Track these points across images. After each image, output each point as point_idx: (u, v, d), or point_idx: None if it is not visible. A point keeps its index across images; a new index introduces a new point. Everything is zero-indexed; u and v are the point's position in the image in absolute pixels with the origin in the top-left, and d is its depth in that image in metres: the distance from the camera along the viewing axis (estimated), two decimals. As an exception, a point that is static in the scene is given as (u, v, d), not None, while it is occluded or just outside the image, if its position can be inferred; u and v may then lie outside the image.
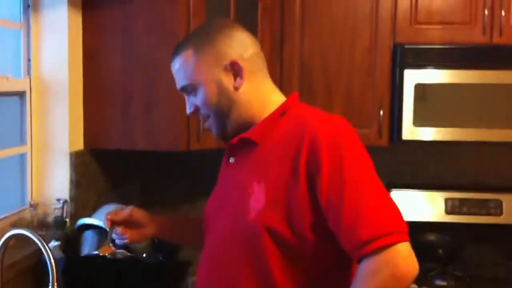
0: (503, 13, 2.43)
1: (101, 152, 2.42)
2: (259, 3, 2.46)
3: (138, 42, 2.29)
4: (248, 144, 1.41)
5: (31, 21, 2.20)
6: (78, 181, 2.29)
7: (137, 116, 2.32)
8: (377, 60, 2.52)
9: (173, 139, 2.33)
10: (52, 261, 1.51)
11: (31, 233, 1.56)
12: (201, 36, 1.44)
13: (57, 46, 2.22)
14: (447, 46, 2.48)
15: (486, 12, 2.45)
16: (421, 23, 2.51)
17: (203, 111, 1.44)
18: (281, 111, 1.42)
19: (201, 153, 2.46)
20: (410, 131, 2.50)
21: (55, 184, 2.26)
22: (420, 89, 2.47)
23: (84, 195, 2.35)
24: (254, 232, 1.33)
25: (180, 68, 1.43)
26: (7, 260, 1.75)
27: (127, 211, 1.62)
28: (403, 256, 1.24)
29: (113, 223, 1.60)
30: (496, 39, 2.46)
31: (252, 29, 2.41)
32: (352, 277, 1.31)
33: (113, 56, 2.32)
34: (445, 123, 2.50)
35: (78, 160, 2.29)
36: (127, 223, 1.60)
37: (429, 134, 2.50)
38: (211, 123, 1.45)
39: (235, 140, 1.43)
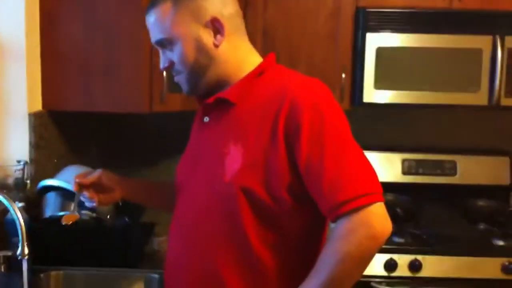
0: (462, -22, 2.48)
1: (60, 114, 2.37)
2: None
3: (98, 5, 2.23)
4: (225, 104, 1.40)
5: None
6: (38, 143, 2.25)
7: (97, 78, 2.28)
8: (340, 24, 2.53)
9: (135, 101, 2.30)
10: (21, 221, 1.49)
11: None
12: None
13: (13, 7, 2.15)
14: (408, 10, 2.51)
15: (446, -23, 2.49)
16: (383, -13, 2.53)
17: (178, 67, 1.41)
18: (259, 72, 1.41)
19: (164, 115, 2.44)
20: (371, 94, 2.54)
21: (14, 146, 2.21)
22: (381, 52, 2.51)
23: (44, 157, 2.30)
24: (229, 193, 1.33)
25: (157, 21, 1.39)
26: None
27: (96, 174, 1.58)
28: (378, 217, 1.28)
29: (82, 187, 1.57)
30: (456, 4, 2.50)
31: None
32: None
33: (72, 18, 2.26)
34: (405, 86, 2.54)
35: (37, 122, 2.24)
36: (96, 187, 1.57)
37: (389, 97, 2.55)
38: (183, 79, 1.42)
39: (211, 99, 1.41)
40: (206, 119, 1.45)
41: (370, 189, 1.28)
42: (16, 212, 1.49)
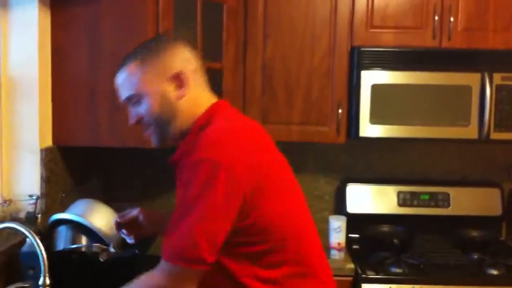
0: (451, 19, 2.62)
1: (66, 148, 2.45)
2: (224, 5, 2.55)
3: (105, 41, 2.32)
4: (177, 164, 1.53)
5: (0, 17, 2.20)
6: (48, 177, 2.31)
7: (103, 114, 2.35)
8: (335, 62, 2.66)
9: (141, 136, 2.36)
10: (44, 253, 1.55)
11: (21, 226, 1.59)
12: (146, 50, 1.55)
13: (26, 43, 2.23)
14: (400, 49, 2.64)
15: (436, 17, 2.62)
16: (376, 27, 2.66)
17: (146, 120, 1.54)
18: (199, 127, 1.51)
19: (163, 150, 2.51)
20: (367, 129, 2.65)
21: (25, 180, 2.27)
22: (376, 89, 2.63)
23: (53, 191, 2.37)
24: None
25: (125, 79, 1.54)
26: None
27: (134, 213, 1.77)
28: (178, 277, 1.44)
29: (120, 225, 1.76)
30: (445, 43, 2.64)
31: (217, 30, 2.53)
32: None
33: (80, 53, 2.34)
34: (398, 121, 2.66)
35: (48, 157, 2.31)
36: (132, 225, 1.77)
37: (383, 131, 2.66)
38: (152, 131, 1.56)
39: (170, 163, 1.57)
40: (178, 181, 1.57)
41: (192, 256, 1.40)
42: (39, 245, 1.56)
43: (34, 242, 1.57)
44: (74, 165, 2.56)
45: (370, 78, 2.63)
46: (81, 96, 2.36)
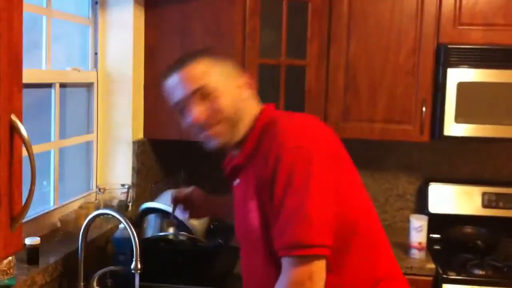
0: (543, 16, 2.53)
1: (158, 142, 2.57)
2: (309, 4, 2.58)
3: (195, 41, 2.42)
4: (240, 167, 1.56)
5: (98, 17, 2.35)
6: (139, 169, 2.45)
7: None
8: (420, 60, 2.63)
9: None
10: (136, 238, 1.66)
11: (117, 213, 1.70)
12: (210, 54, 1.54)
13: (122, 41, 2.37)
14: (488, 47, 2.58)
15: (527, 15, 2.55)
16: (464, 24, 2.61)
17: (213, 119, 1.48)
18: (260, 132, 1.50)
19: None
20: (452, 128, 2.61)
21: (118, 170, 2.41)
22: (463, 87, 2.58)
23: (143, 181, 2.50)
24: (260, 246, 1.50)
25: (194, 73, 1.48)
26: (88, 238, 1.90)
27: (189, 190, 1.85)
28: (320, 272, 1.37)
29: (177, 200, 1.85)
30: (537, 41, 2.56)
31: (302, 29, 2.57)
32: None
33: (171, 53, 2.43)
34: (485, 120, 2.60)
35: (139, 149, 2.44)
36: (188, 203, 1.84)
37: (469, 130, 2.61)
38: (213, 132, 1.49)
39: (228, 170, 1.61)
40: (236, 182, 1.61)
41: (319, 241, 1.36)
42: (132, 230, 1.66)
43: (128, 227, 1.67)
44: (162, 158, 2.69)
45: (457, 76, 2.58)
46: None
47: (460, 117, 2.60)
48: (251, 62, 2.44)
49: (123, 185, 2.35)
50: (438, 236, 2.83)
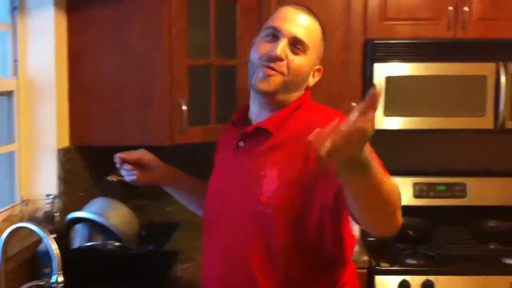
0: (466, 9, 2.59)
1: (86, 148, 2.50)
2: (238, 4, 2.56)
3: (130, 42, 2.37)
4: (262, 132, 1.53)
5: (18, 22, 2.25)
6: (66, 177, 2.37)
7: (126, 114, 2.40)
8: (350, 55, 2.66)
9: (156, 133, 2.42)
10: (57, 250, 1.60)
11: (35, 225, 1.64)
12: (324, 30, 1.60)
13: (43, 46, 2.28)
14: (414, 41, 2.62)
15: (450, 8, 2.59)
16: (390, 19, 2.65)
17: (285, 67, 1.49)
18: (296, 106, 1.56)
19: (181, 148, 2.56)
20: (381, 121, 2.64)
21: (43, 180, 2.33)
22: (390, 81, 2.62)
23: (71, 190, 2.42)
24: (266, 212, 1.45)
25: (310, 27, 1.53)
26: (9, 252, 1.83)
27: (138, 152, 1.76)
28: None
29: (124, 161, 1.73)
30: (460, 34, 2.62)
31: (231, 28, 2.55)
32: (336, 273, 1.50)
33: (102, 55, 2.39)
34: (413, 112, 2.65)
35: (65, 157, 2.36)
36: (137, 164, 1.74)
37: (398, 123, 2.65)
38: (279, 79, 1.50)
39: (250, 128, 1.55)
40: (241, 143, 1.57)
41: None
42: (51, 242, 1.60)
43: (46, 240, 1.61)
44: (93, 165, 2.62)
45: (384, 70, 2.62)
46: (104, 97, 2.41)
47: (389, 111, 2.64)
48: (179, 63, 2.40)
49: (48, 195, 2.28)
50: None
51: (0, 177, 2.31)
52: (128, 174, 1.75)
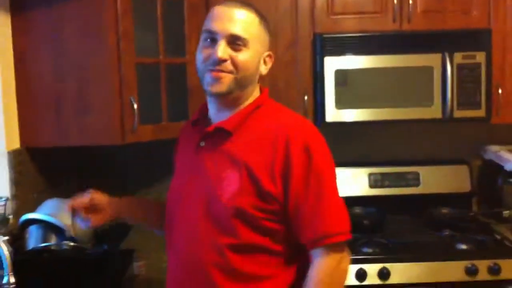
0: (410, 1, 2.65)
1: (38, 150, 2.48)
2: (185, 1, 2.57)
3: (67, 45, 2.35)
4: (222, 132, 1.55)
5: (-40, 24, 2.23)
6: (18, 179, 2.35)
7: (70, 114, 2.38)
8: (298, 51, 2.70)
9: (108, 133, 2.41)
10: (6, 252, 1.59)
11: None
12: (262, 15, 1.59)
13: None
14: (362, 34, 2.68)
15: (395, 1, 2.66)
16: (337, 14, 2.70)
17: (232, 67, 1.52)
18: (256, 105, 1.59)
19: (134, 148, 2.56)
20: (333, 114, 2.69)
21: (-5, 183, 2.31)
22: (340, 74, 2.67)
23: (24, 192, 2.40)
24: (226, 213, 1.48)
25: (245, 21, 1.53)
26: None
27: (87, 196, 1.72)
28: (348, 254, 1.54)
29: (75, 209, 1.70)
30: (405, 26, 2.68)
31: (179, 26, 2.56)
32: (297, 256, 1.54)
33: (42, 57, 2.37)
34: (364, 104, 2.70)
35: (16, 159, 2.34)
36: (89, 208, 1.71)
37: (350, 115, 2.70)
38: (229, 79, 1.53)
39: (211, 128, 1.57)
40: (202, 143, 1.59)
41: (345, 228, 1.51)
42: (1, 244, 1.59)
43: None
44: (46, 166, 2.60)
45: (333, 64, 2.67)
46: (47, 98, 2.39)
47: (340, 104, 2.68)
48: (128, 62, 2.39)
49: (0, 198, 2.25)
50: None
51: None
52: (83, 223, 1.73)
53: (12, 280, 1.64)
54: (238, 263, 1.49)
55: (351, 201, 2.91)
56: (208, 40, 1.54)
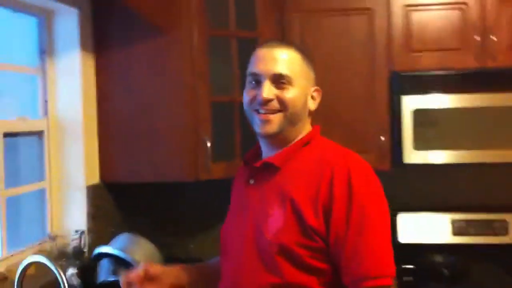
0: (493, 38, 2.52)
1: (116, 185, 2.57)
2: (259, 39, 2.59)
3: (142, 83, 2.46)
4: (270, 168, 1.53)
5: (47, 65, 2.37)
6: (94, 214, 2.44)
7: (151, 151, 2.46)
8: (375, 88, 2.62)
9: (180, 170, 2.46)
10: (65, 284, 1.63)
11: (47, 259, 1.69)
12: (304, 52, 1.58)
13: (71, 88, 2.40)
14: (442, 73, 2.57)
15: (477, 38, 2.54)
16: (415, 51, 2.60)
17: (280, 106, 1.50)
18: (305, 142, 1.55)
19: (209, 185, 2.58)
20: (411, 155, 2.58)
21: (73, 216, 2.41)
22: (419, 114, 2.57)
23: (101, 226, 2.48)
24: (270, 250, 1.44)
25: (288, 59, 1.52)
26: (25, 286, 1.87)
27: (141, 268, 1.63)
28: None
29: (130, 284, 1.60)
30: (489, 63, 2.54)
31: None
32: None
33: (119, 96, 2.49)
34: (445, 145, 2.57)
35: (94, 194, 2.44)
36: (143, 281, 1.61)
37: (429, 157, 2.58)
38: (278, 118, 1.51)
39: (258, 164, 1.55)
40: (252, 181, 1.57)
41: (388, 271, 1.39)
42: (61, 276, 1.64)
43: (56, 272, 1.64)
44: (123, 202, 2.68)
45: (412, 103, 2.57)
46: (123, 135, 2.49)
47: (419, 144, 2.57)
48: (203, 100, 2.45)
49: (76, 231, 2.34)
50: (411, 266, 2.77)
51: (32, 214, 2.40)
52: None
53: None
54: None
55: (431, 249, 2.79)
56: (253, 82, 1.54)
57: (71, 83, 2.39)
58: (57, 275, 1.65)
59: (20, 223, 2.35)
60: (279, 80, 1.50)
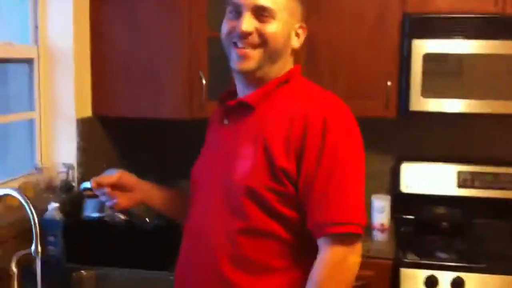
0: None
1: (110, 120, 2.49)
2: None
3: (144, 17, 2.35)
4: (245, 107, 1.44)
5: (38, -9, 2.27)
6: (85, 148, 2.37)
7: (141, 87, 2.38)
8: (385, 31, 2.47)
9: (176, 107, 2.38)
10: (35, 219, 1.57)
11: (17, 192, 1.63)
12: None
13: (62, 15, 2.29)
14: (456, 16, 2.40)
15: (499, -20, 2.35)
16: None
17: (259, 40, 1.39)
18: (283, 80, 1.45)
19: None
20: (419, 103, 2.45)
21: (62, 149, 2.35)
22: (429, 59, 2.42)
23: (92, 161, 2.42)
24: (237, 192, 1.37)
25: None
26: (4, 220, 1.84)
27: (116, 175, 1.61)
28: (360, 250, 1.35)
29: (100, 185, 1.58)
30: (509, 10, 2.36)
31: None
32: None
33: (118, 28, 2.39)
34: (455, 94, 2.43)
35: (85, 127, 2.37)
36: (116, 187, 1.59)
37: (438, 105, 2.44)
38: (257, 53, 1.40)
39: (232, 102, 1.46)
40: (226, 121, 1.49)
41: (357, 219, 1.31)
42: (31, 211, 1.57)
43: (27, 206, 1.58)
44: (117, 137, 2.61)
45: (422, 47, 2.42)
46: (119, 69, 2.41)
47: (428, 92, 2.44)
48: (199, 35, 2.34)
49: (64, 164, 2.29)
50: (411, 217, 2.69)
51: (21, 145, 2.35)
52: (107, 200, 1.59)
53: (39, 249, 1.61)
54: (248, 250, 1.37)
55: (434, 200, 2.69)
56: (233, 12, 1.41)
57: (62, 10, 2.28)
58: (27, 209, 1.59)
59: (9, 154, 2.29)
60: (260, 13, 1.38)
